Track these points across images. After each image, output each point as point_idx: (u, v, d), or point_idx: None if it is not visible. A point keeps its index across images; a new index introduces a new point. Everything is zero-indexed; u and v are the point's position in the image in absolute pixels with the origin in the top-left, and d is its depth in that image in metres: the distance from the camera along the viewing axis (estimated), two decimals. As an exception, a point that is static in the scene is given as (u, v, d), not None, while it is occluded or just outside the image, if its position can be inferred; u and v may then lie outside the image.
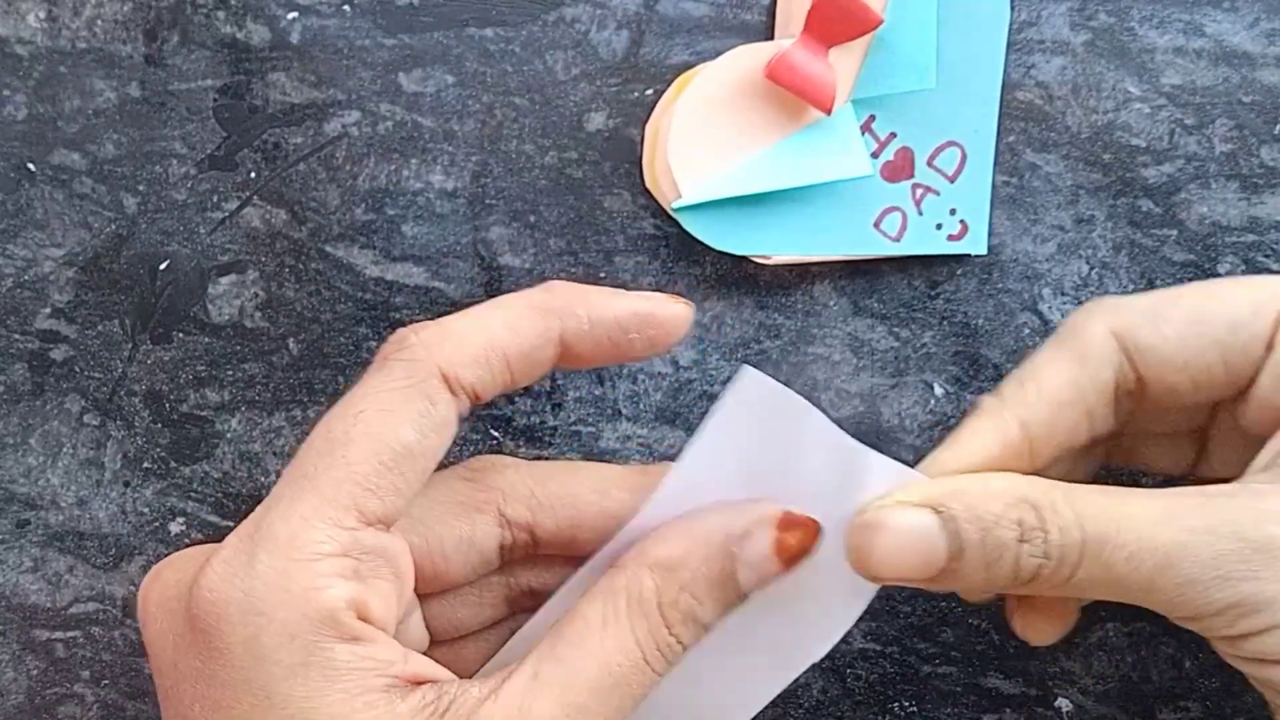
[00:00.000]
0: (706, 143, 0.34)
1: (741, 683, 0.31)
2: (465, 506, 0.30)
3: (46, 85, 0.35)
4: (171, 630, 0.27)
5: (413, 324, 0.29)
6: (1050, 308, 0.36)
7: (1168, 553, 0.26)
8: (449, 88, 0.36)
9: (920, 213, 0.36)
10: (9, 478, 0.36)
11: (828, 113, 0.34)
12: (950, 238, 0.36)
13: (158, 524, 0.36)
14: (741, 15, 0.36)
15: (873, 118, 0.35)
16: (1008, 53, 0.35)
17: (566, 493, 0.30)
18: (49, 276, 0.36)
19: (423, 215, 0.36)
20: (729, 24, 0.36)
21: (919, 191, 0.36)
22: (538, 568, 0.32)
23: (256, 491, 0.36)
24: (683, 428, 0.36)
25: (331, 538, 0.26)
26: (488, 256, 0.36)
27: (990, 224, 0.36)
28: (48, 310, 0.36)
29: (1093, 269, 0.36)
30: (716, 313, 0.36)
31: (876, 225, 0.35)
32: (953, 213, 0.36)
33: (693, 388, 0.36)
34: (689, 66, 0.35)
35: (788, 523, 0.28)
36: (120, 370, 0.36)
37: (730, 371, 0.36)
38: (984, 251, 0.36)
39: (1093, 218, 0.36)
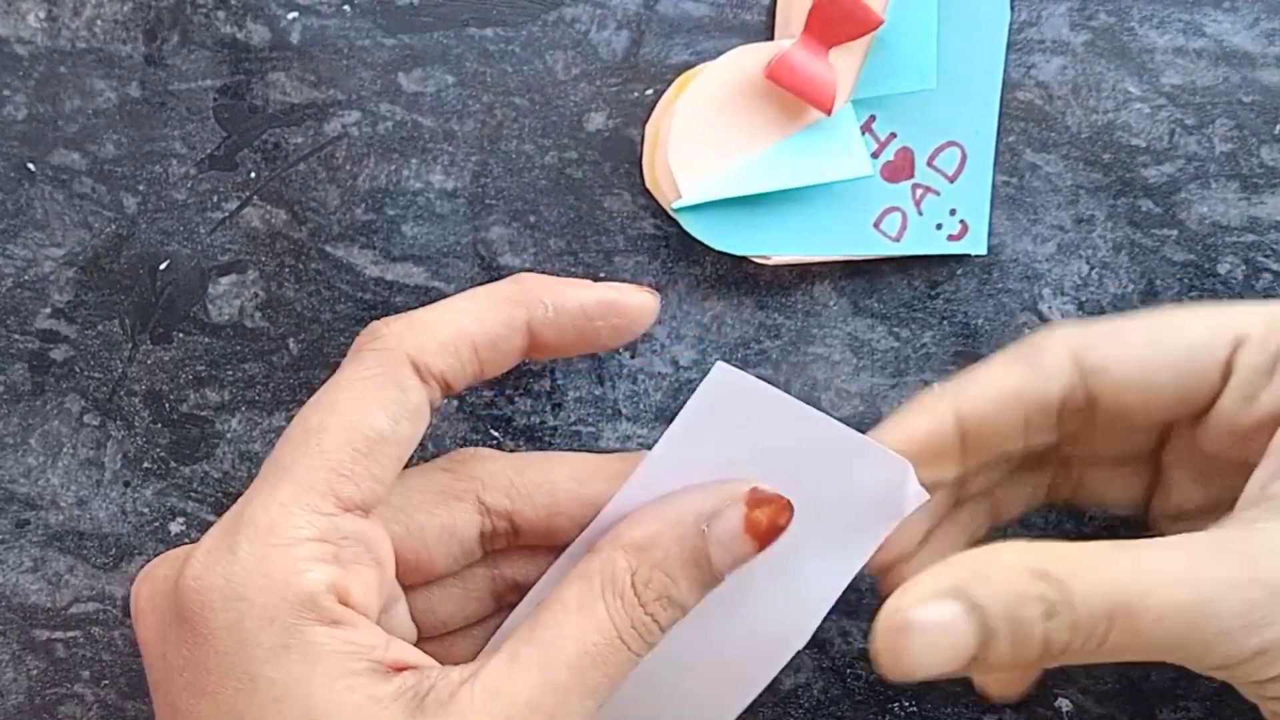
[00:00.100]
0: (706, 143, 0.34)
1: (729, 675, 0.31)
2: (445, 495, 0.31)
3: (46, 85, 0.35)
4: (161, 624, 0.27)
5: (384, 317, 0.29)
6: (1050, 308, 0.36)
7: (1198, 610, 0.26)
8: (449, 88, 0.36)
9: (920, 213, 0.36)
10: (9, 478, 0.36)
11: (828, 113, 0.34)
12: (950, 238, 0.36)
13: (158, 524, 0.36)
14: (741, 15, 0.36)
15: (873, 118, 0.35)
16: (1008, 53, 0.35)
17: (545, 480, 0.31)
18: (49, 276, 0.36)
19: (423, 215, 0.36)
20: (729, 24, 0.36)
21: (919, 191, 0.36)
22: (521, 560, 0.32)
23: (256, 491, 0.36)
24: (683, 428, 0.36)
25: (309, 523, 0.27)
26: (488, 256, 0.36)
27: (990, 224, 0.36)
28: (48, 310, 0.36)
29: (1093, 269, 0.36)
30: (716, 313, 0.36)
31: (876, 225, 0.35)
32: (953, 213, 0.36)
33: (693, 388, 0.36)
34: (689, 66, 0.35)
35: (756, 500, 0.29)
36: (120, 370, 0.36)
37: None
38: (984, 251, 0.36)
39: (1093, 218, 0.36)
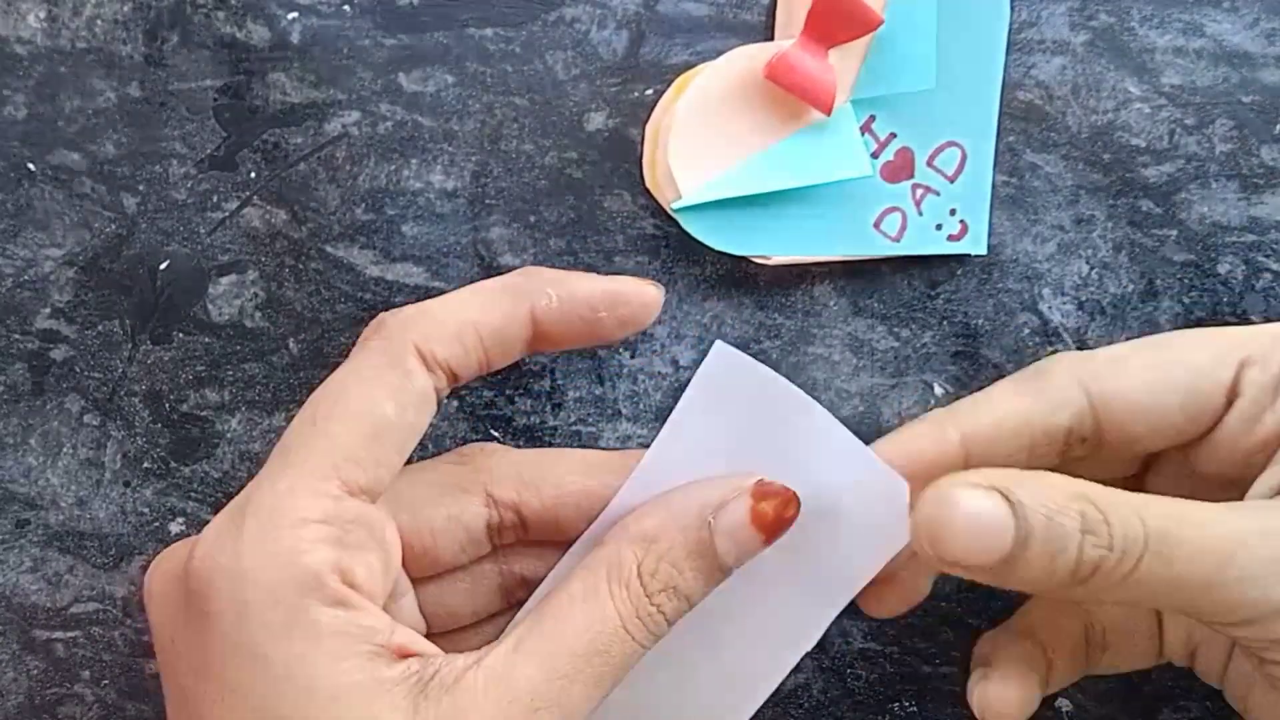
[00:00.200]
0: (706, 143, 0.34)
1: (738, 679, 0.31)
2: (452, 487, 0.31)
3: (46, 85, 0.35)
4: (170, 607, 0.28)
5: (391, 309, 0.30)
6: (1050, 308, 0.36)
7: (1229, 549, 0.26)
8: (449, 88, 0.36)
9: (920, 213, 0.36)
10: (9, 478, 0.36)
11: (827, 113, 0.34)
12: (950, 238, 0.36)
13: (158, 524, 0.36)
14: (741, 15, 0.36)
15: (873, 118, 0.35)
16: (1008, 53, 0.35)
17: (551, 473, 0.31)
18: (49, 276, 0.36)
19: (423, 215, 0.36)
20: (729, 24, 0.36)
21: (919, 192, 0.36)
22: (529, 555, 0.32)
23: (256, 491, 0.36)
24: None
25: (315, 506, 0.27)
26: (488, 256, 0.36)
27: (990, 224, 0.36)
28: (48, 310, 0.36)
29: (1093, 269, 0.36)
30: (716, 313, 0.36)
31: (876, 225, 0.35)
32: (953, 213, 0.36)
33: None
34: (689, 66, 0.35)
35: (762, 492, 0.29)
36: (120, 370, 0.36)
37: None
38: (984, 251, 0.36)
39: (1093, 218, 0.36)
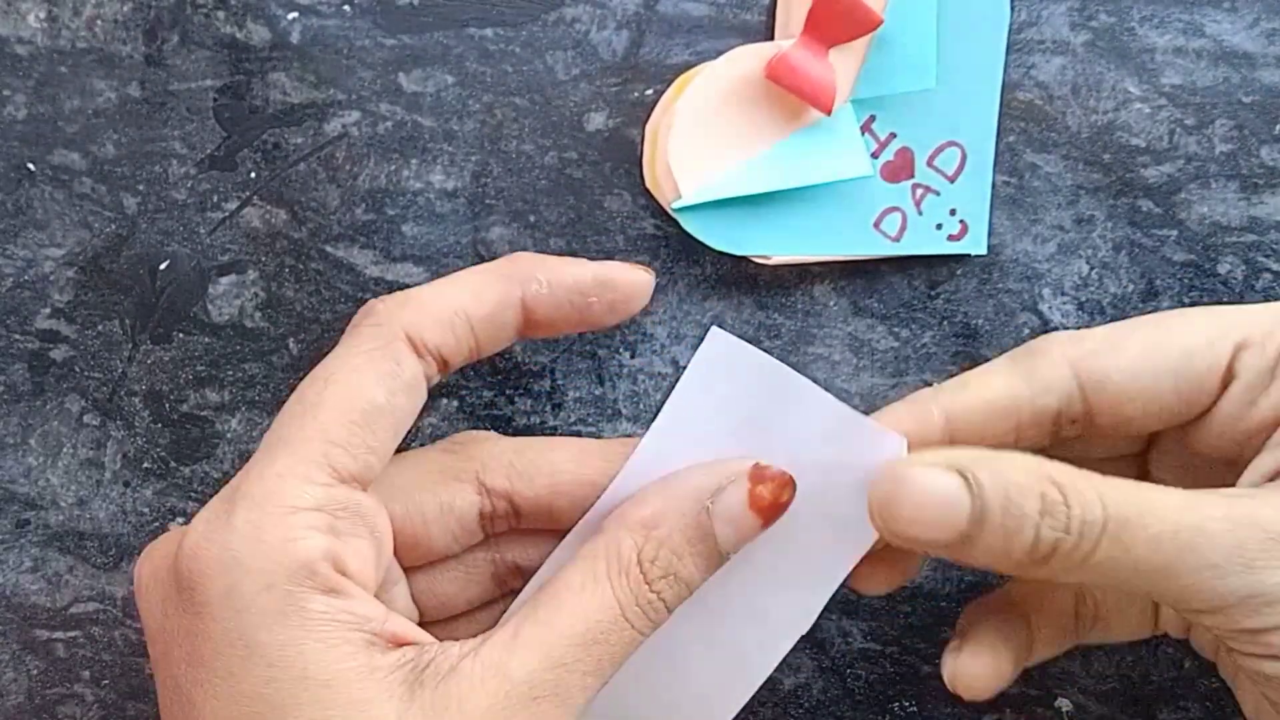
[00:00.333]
0: (706, 143, 0.34)
1: (735, 662, 0.31)
2: (445, 475, 0.31)
3: (46, 85, 0.35)
4: (161, 597, 0.28)
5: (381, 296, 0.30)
6: (1050, 308, 0.36)
7: (1190, 536, 0.26)
8: (449, 88, 0.36)
9: (920, 213, 0.36)
10: (9, 478, 0.36)
11: (827, 113, 0.34)
12: (950, 238, 0.36)
13: (158, 524, 0.36)
14: (741, 15, 0.36)
15: (873, 118, 0.35)
16: (1008, 53, 0.35)
17: (545, 461, 0.31)
18: (49, 276, 0.36)
19: (423, 215, 0.36)
20: (729, 24, 0.36)
21: (919, 191, 0.36)
22: (522, 543, 0.32)
23: (256, 491, 0.36)
24: (683, 428, 0.36)
25: (306, 493, 0.27)
26: (488, 256, 0.36)
27: (990, 224, 0.36)
28: (48, 310, 0.36)
29: (1093, 269, 0.36)
30: (716, 313, 0.36)
31: (876, 225, 0.35)
32: (953, 213, 0.36)
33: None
34: (689, 66, 0.35)
35: (759, 476, 0.29)
36: (120, 370, 0.36)
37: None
38: (984, 251, 0.36)
39: (1093, 218, 0.36)
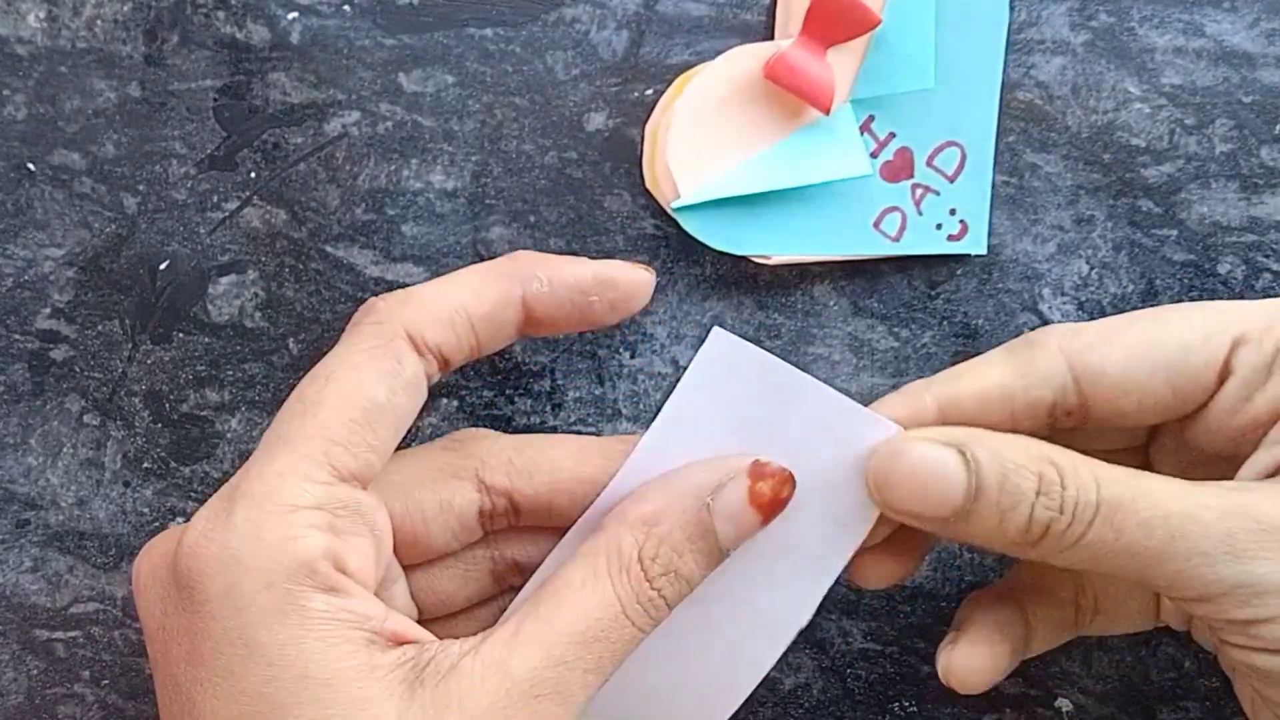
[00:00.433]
0: (706, 143, 0.34)
1: (734, 657, 0.31)
2: (444, 473, 0.31)
3: (46, 85, 0.35)
4: (160, 596, 0.28)
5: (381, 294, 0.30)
6: (1050, 308, 0.36)
7: (1181, 523, 0.27)
8: (449, 88, 0.36)
9: (920, 213, 0.36)
10: (9, 478, 0.36)
11: (826, 113, 0.34)
12: (950, 238, 0.36)
13: (158, 524, 0.36)
14: (741, 15, 0.36)
15: (872, 118, 0.35)
16: (1008, 53, 0.35)
17: (544, 459, 0.31)
18: (49, 276, 0.36)
19: (423, 215, 0.36)
20: (729, 24, 0.36)
21: (919, 191, 0.36)
22: (522, 540, 0.32)
23: (256, 491, 0.36)
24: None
25: (306, 491, 0.27)
26: (488, 256, 0.36)
27: (990, 224, 0.36)
28: (48, 310, 0.36)
29: (1093, 269, 0.36)
30: (716, 313, 0.36)
31: (876, 225, 0.35)
32: (952, 213, 0.36)
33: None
34: (689, 66, 0.35)
35: (759, 472, 0.29)
36: (120, 370, 0.36)
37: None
38: (984, 251, 0.36)
39: (1093, 218, 0.36)
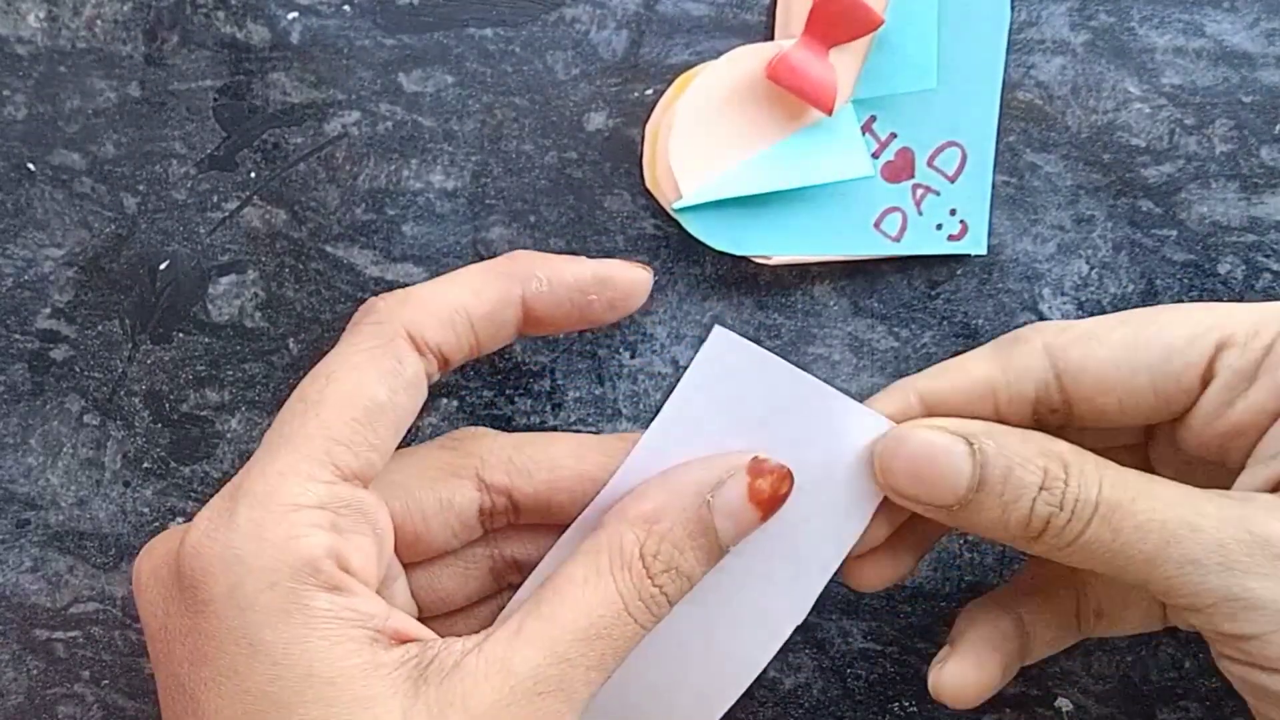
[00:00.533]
0: (706, 143, 0.34)
1: (732, 653, 0.31)
2: (444, 472, 0.31)
3: (46, 85, 0.35)
4: (162, 595, 0.28)
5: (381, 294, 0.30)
6: (1050, 308, 0.36)
7: (1175, 529, 0.27)
8: (449, 88, 0.36)
9: (920, 213, 0.36)
10: (9, 478, 0.36)
11: (828, 113, 0.34)
12: (950, 238, 0.36)
13: (158, 524, 0.36)
14: (741, 15, 0.36)
15: (873, 118, 0.35)
16: (1008, 53, 0.35)
17: (544, 457, 0.31)
18: (49, 276, 0.36)
19: (423, 215, 0.36)
20: (729, 24, 0.36)
21: (919, 192, 0.36)
22: (521, 539, 0.32)
23: (256, 491, 0.36)
24: (683, 428, 0.36)
25: (308, 490, 0.27)
26: (487, 256, 0.36)
27: (990, 224, 0.36)
28: (48, 310, 0.36)
29: (1093, 269, 0.36)
30: (716, 313, 0.36)
31: (877, 225, 0.35)
32: (953, 213, 0.36)
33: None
34: (689, 66, 0.35)
35: (758, 469, 0.29)
36: (120, 370, 0.36)
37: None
38: (984, 251, 0.36)
39: (1093, 218, 0.36)
